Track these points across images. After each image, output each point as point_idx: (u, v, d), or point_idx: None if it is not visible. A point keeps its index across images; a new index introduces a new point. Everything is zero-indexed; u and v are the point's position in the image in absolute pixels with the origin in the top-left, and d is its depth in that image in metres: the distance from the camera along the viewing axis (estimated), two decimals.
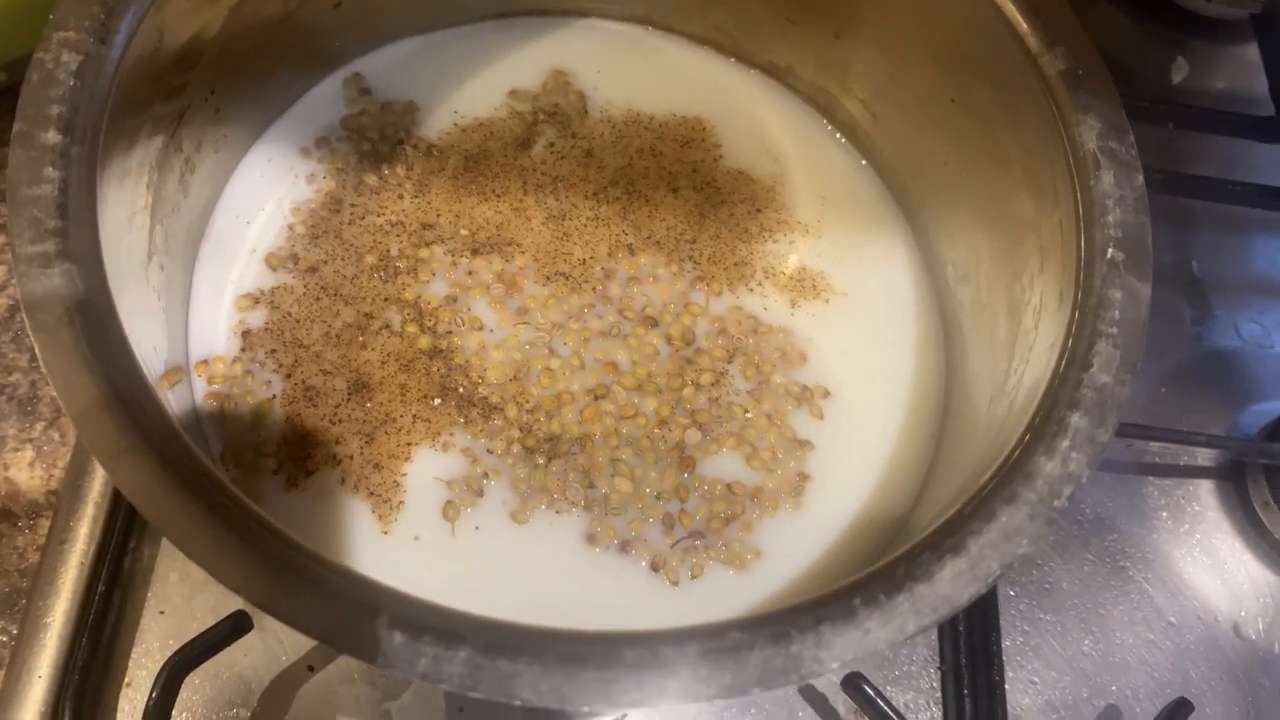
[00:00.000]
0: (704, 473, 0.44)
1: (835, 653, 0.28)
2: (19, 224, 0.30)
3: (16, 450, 0.51)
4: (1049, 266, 0.38)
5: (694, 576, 0.42)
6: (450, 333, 0.45)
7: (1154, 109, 0.70)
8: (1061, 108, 0.38)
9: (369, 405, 0.43)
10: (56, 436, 0.52)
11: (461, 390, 0.44)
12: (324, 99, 0.49)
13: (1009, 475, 0.31)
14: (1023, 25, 0.39)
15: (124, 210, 0.36)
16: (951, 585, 0.29)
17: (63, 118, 0.32)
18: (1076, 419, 0.32)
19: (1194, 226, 0.69)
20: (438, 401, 0.44)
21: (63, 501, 0.50)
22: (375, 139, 0.48)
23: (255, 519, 0.29)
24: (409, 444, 0.43)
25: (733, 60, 0.53)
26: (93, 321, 0.30)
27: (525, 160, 0.49)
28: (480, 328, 0.45)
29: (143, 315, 0.37)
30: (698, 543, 0.42)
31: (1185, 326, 0.66)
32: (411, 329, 0.45)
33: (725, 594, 0.42)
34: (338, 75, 0.49)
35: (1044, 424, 0.32)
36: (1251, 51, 0.71)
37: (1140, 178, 0.36)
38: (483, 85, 0.51)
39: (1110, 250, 0.35)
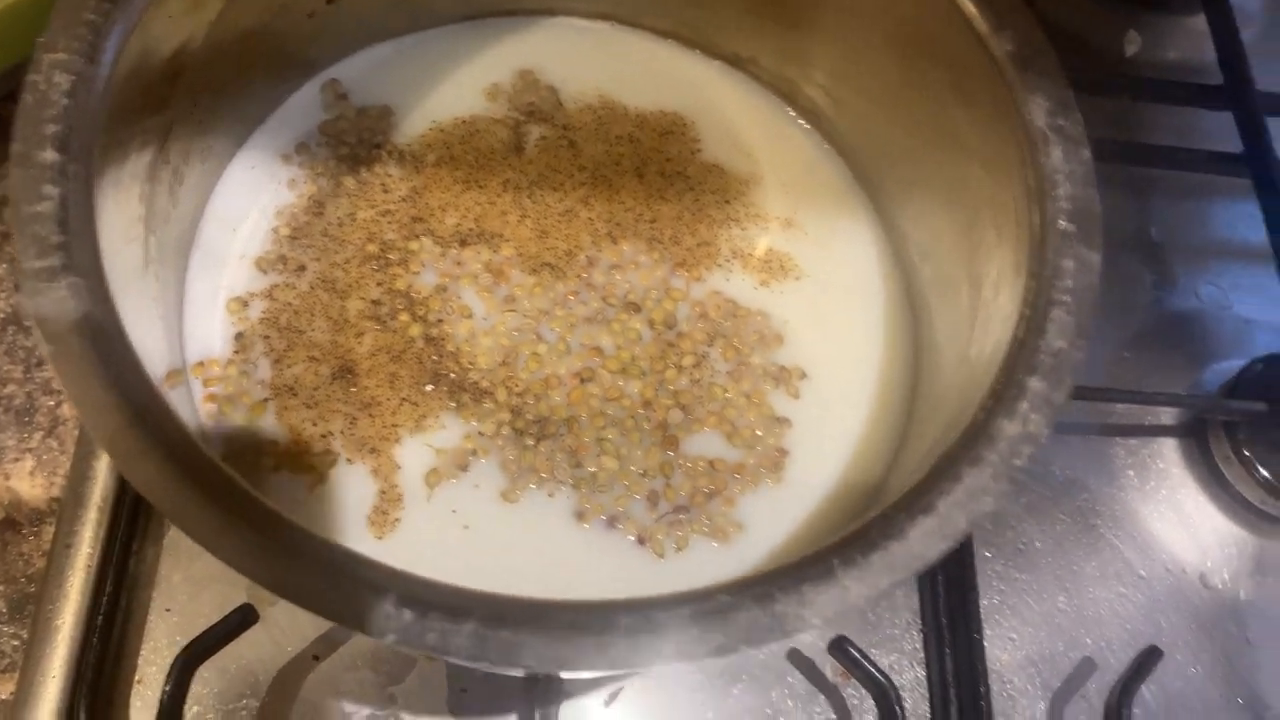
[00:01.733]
0: (687, 450, 0.46)
1: (817, 609, 0.30)
2: (24, 241, 0.32)
3: (16, 460, 0.52)
4: (1005, 240, 0.40)
5: (679, 549, 0.44)
6: (441, 321, 0.47)
7: (1108, 81, 0.72)
8: (1011, 87, 0.39)
9: (353, 390, 0.45)
10: (55, 445, 0.53)
11: (453, 376, 0.46)
12: (303, 106, 0.51)
13: (973, 438, 0.33)
14: (971, 8, 0.41)
15: (120, 223, 0.37)
16: (923, 543, 0.31)
17: (58, 136, 0.33)
18: (1034, 383, 0.34)
19: (1152, 195, 0.71)
20: (430, 388, 0.45)
21: (65, 508, 0.51)
22: (353, 143, 0.50)
23: (262, 509, 0.30)
24: (396, 425, 0.45)
25: (697, 52, 0.55)
26: (99, 330, 0.31)
27: (514, 160, 0.51)
28: (470, 315, 0.47)
29: (143, 323, 0.38)
30: (682, 516, 0.44)
31: (1146, 291, 0.68)
32: (403, 318, 0.46)
33: (710, 565, 0.44)
34: (315, 82, 0.51)
35: (1004, 389, 0.34)
36: (1201, 22, 0.73)
37: (1087, 152, 0.38)
38: (457, 86, 0.52)
39: (1061, 222, 0.37)
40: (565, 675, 0.42)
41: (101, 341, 0.31)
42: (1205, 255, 0.70)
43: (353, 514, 0.43)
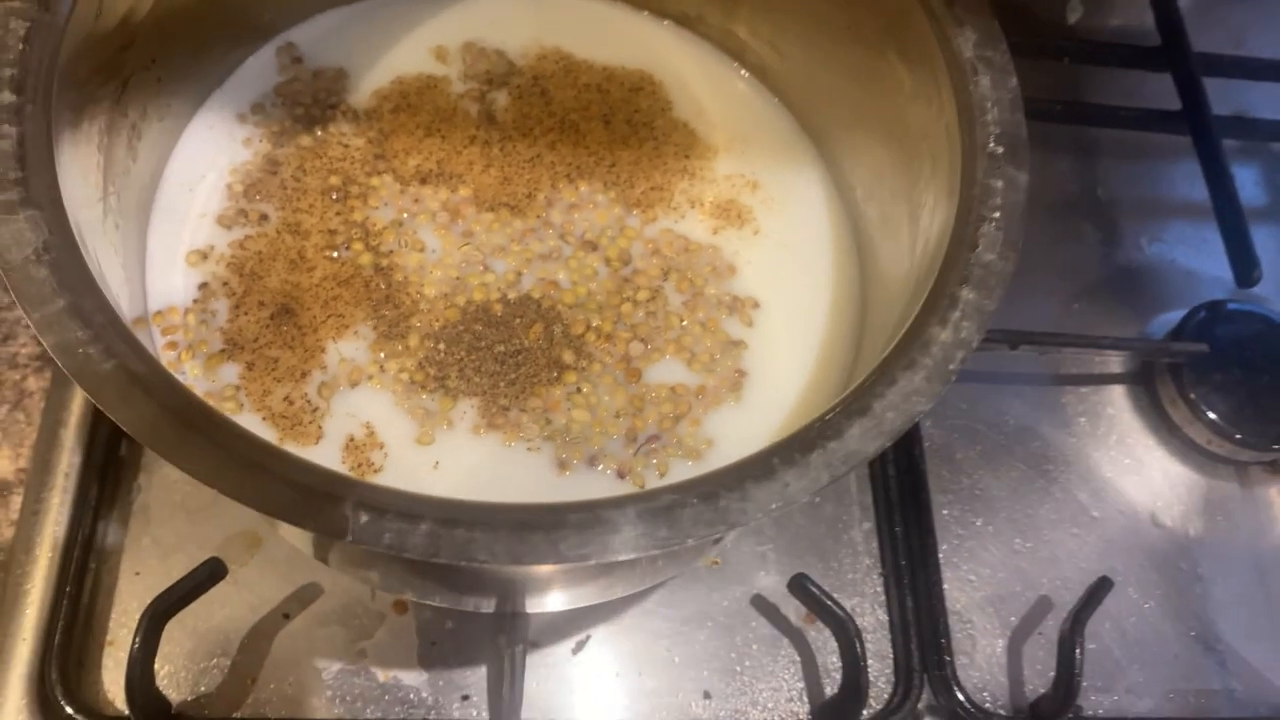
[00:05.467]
0: (650, 380, 0.47)
1: (758, 503, 0.31)
2: None
3: None
4: (939, 169, 0.41)
5: (661, 475, 0.45)
6: (392, 252, 0.48)
7: (1052, 46, 0.75)
8: (941, 23, 0.41)
9: (284, 329, 0.46)
10: (22, 418, 0.54)
11: (402, 305, 0.47)
12: (260, 68, 0.52)
13: (907, 345, 0.35)
14: None
15: (78, 167, 0.38)
16: (859, 441, 0.33)
17: (15, 79, 0.35)
18: (966, 292, 0.36)
19: (1098, 156, 0.74)
20: (371, 323, 0.47)
21: (33, 475, 0.52)
22: (308, 103, 0.51)
23: (229, 426, 0.31)
24: (320, 338, 0.46)
25: (646, 13, 0.57)
26: (59, 259, 0.32)
27: (486, 126, 0.52)
28: (422, 249, 0.48)
29: (105, 264, 0.39)
30: (654, 445, 0.46)
31: (1094, 248, 0.70)
32: (357, 247, 0.48)
33: None
34: (272, 45, 0.52)
35: (937, 299, 0.36)
36: None
37: (1014, 80, 0.40)
38: (411, 48, 0.54)
39: (991, 144, 0.39)
40: (521, 577, 0.42)
41: (62, 269, 0.32)
42: (1150, 211, 0.72)
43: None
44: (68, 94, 0.37)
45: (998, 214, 0.37)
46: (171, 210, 0.47)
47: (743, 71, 0.56)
